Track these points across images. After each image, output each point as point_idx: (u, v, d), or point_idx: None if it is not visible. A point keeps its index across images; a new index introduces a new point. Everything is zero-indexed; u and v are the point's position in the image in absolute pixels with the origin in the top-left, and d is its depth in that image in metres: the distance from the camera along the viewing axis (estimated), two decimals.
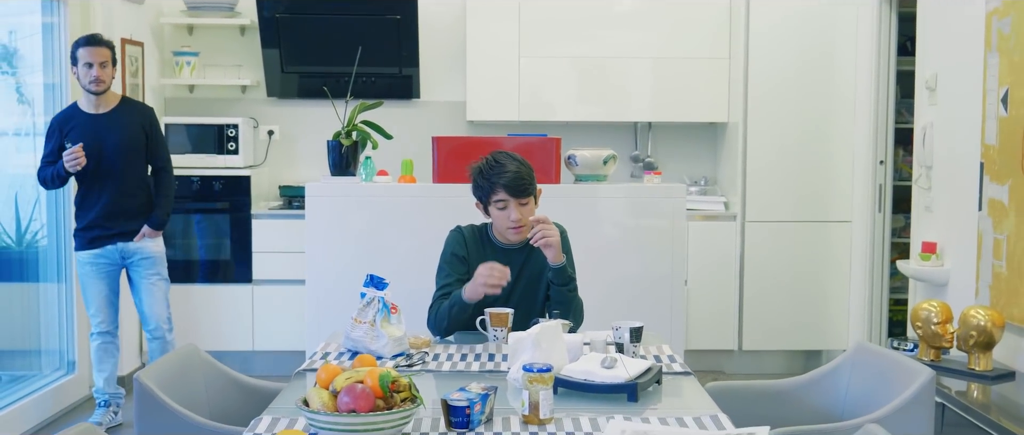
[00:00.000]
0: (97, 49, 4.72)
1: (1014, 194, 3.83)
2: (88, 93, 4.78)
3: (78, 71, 4.75)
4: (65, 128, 4.79)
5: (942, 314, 3.85)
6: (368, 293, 3.15)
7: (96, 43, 4.74)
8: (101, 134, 4.79)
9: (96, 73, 4.72)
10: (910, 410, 2.68)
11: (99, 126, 4.81)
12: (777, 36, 6.01)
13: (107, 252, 4.87)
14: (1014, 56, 3.84)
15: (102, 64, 4.73)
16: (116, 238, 4.87)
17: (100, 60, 4.72)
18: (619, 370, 2.66)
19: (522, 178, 3.37)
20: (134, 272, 4.95)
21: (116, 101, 4.90)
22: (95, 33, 4.85)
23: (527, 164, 3.43)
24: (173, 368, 2.93)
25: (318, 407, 2.24)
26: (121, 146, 4.83)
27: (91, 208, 4.84)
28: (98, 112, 4.83)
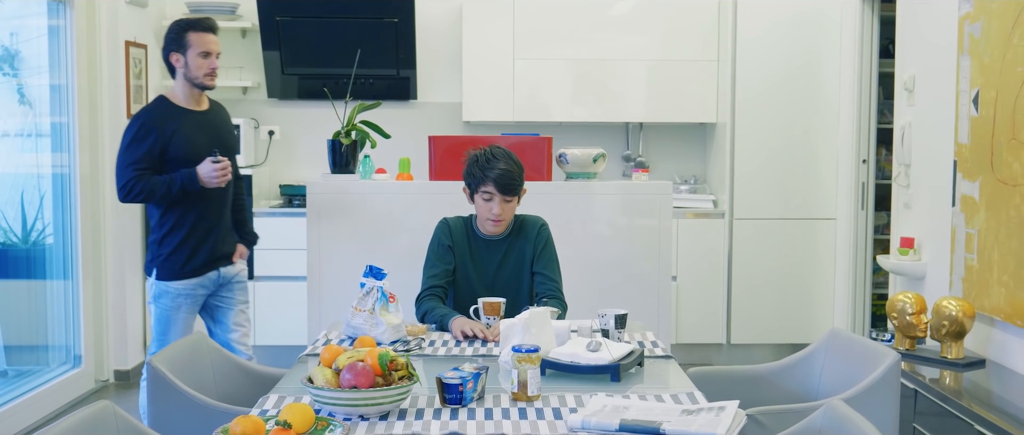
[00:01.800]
0: (214, 36, 4.07)
1: (985, 190, 3.99)
2: (193, 87, 4.08)
3: (186, 60, 4.02)
4: (166, 129, 3.98)
5: (916, 305, 4.02)
6: (368, 283, 3.30)
7: (211, 29, 4.07)
8: (211, 136, 4.07)
9: (215, 63, 4.06)
10: (877, 391, 2.84)
11: (206, 126, 4.11)
12: (764, 40, 6.18)
13: (207, 281, 4.15)
14: (984, 58, 4.01)
15: (218, 54, 4.08)
16: (220, 262, 4.18)
17: (217, 50, 4.07)
18: (603, 353, 2.82)
19: (512, 177, 3.53)
20: (224, 299, 4.26)
21: (206, 98, 4.22)
22: (207, 16, 4.14)
23: (519, 164, 3.59)
24: (183, 353, 3.08)
25: (322, 384, 2.41)
26: (227, 150, 4.12)
27: (195, 228, 4.07)
28: (199, 109, 4.14)
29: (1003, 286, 3.84)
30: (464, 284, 3.66)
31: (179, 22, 4.07)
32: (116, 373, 5.89)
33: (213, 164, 3.93)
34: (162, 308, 4.10)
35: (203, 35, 4.01)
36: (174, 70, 4.08)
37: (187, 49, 4.01)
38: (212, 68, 4.03)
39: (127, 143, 3.98)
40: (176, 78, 4.10)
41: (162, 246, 4.07)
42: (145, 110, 4.09)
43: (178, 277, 4.06)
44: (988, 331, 4.03)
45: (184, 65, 4.03)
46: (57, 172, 5.57)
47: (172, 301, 4.08)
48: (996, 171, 3.89)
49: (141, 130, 3.97)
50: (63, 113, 5.55)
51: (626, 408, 2.43)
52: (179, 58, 4.03)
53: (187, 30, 4.01)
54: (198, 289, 4.13)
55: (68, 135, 5.56)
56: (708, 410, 2.39)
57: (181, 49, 4.02)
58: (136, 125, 4.00)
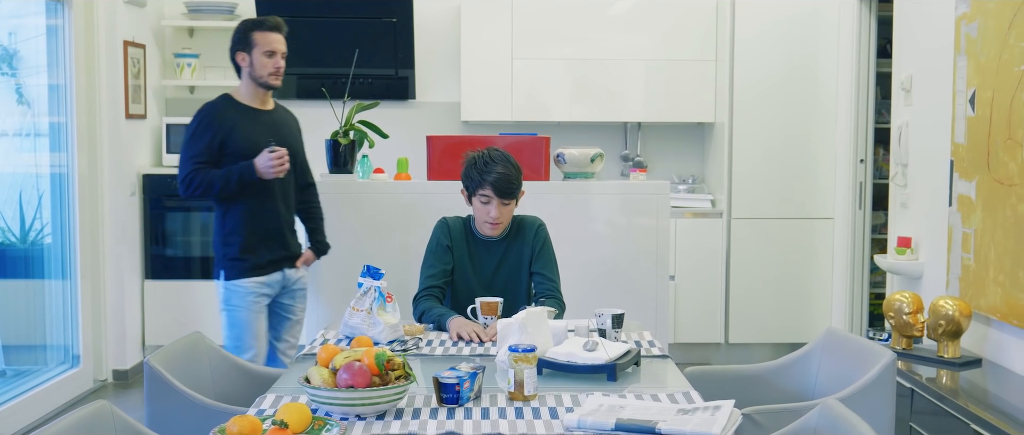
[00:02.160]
0: (279, 35, 4.05)
1: (981, 190, 4.00)
2: (258, 86, 4.08)
3: (252, 59, 4.02)
4: (225, 123, 3.99)
5: (913, 304, 4.02)
6: (365, 283, 3.31)
7: (277, 28, 4.06)
8: (273, 136, 4.03)
9: (280, 63, 4.05)
10: (873, 390, 2.85)
11: (269, 126, 4.09)
12: (762, 40, 6.19)
13: (272, 281, 4.11)
14: (981, 58, 4.01)
15: (283, 54, 4.07)
16: (284, 263, 4.15)
17: (283, 49, 4.06)
18: (600, 353, 2.83)
19: (510, 181, 3.53)
20: (285, 307, 4.22)
21: (271, 99, 4.23)
22: (273, 16, 4.13)
23: (517, 167, 3.59)
24: (181, 353, 3.09)
25: (319, 383, 2.42)
26: (292, 151, 4.09)
27: (261, 225, 4.06)
28: (264, 109, 4.14)
29: (999, 285, 3.84)
30: (462, 284, 3.66)
31: (245, 22, 4.08)
32: (115, 373, 5.90)
33: (269, 154, 3.91)
34: (233, 310, 4.04)
35: (268, 34, 4.01)
36: (240, 70, 4.08)
37: (252, 48, 4.00)
38: (277, 67, 4.03)
39: (188, 138, 4.00)
40: (241, 78, 4.09)
41: (227, 246, 4.04)
42: (207, 105, 4.08)
43: (246, 275, 4.02)
44: (984, 330, 4.04)
45: (249, 64, 4.02)
46: (55, 172, 5.58)
47: (241, 300, 4.02)
48: (992, 171, 3.90)
49: (201, 125, 3.98)
50: (61, 113, 5.55)
51: (622, 407, 2.44)
52: (244, 57, 4.03)
53: (253, 30, 4.02)
54: (264, 288, 4.07)
55: (66, 135, 5.56)
56: (704, 409, 2.40)
57: (247, 48, 4.02)
58: (197, 120, 4.02)
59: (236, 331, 4.04)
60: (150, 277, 6.21)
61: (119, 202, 5.86)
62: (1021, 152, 3.68)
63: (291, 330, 4.25)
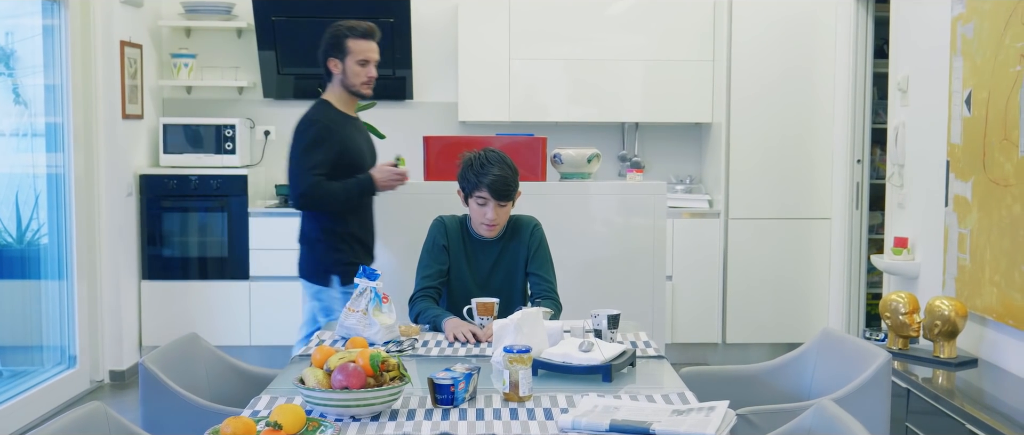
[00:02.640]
0: (374, 43, 3.99)
1: (977, 191, 4.00)
2: (349, 94, 4.03)
3: (345, 66, 3.97)
4: (340, 133, 3.93)
5: (909, 305, 4.03)
6: (361, 283, 3.31)
7: (371, 36, 3.99)
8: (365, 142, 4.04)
9: (372, 72, 3.99)
10: (868, 390, 2.85)
11: (362, 132, 4.08)
12: (759, 40, 6.19)
13: None
14: (976, 59, 4.02)
15: (376, 62, 4.01)
16: None
17: (376, 57, 4.00)
18: (595, 353, 2.83)
19: (506, 183, 3.53)
20: None
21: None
22: (369, 23, 4.06)
23: (514, 168, 3.59)
24: (176, 354, 3.08)
25: (313, 385, 2.41)
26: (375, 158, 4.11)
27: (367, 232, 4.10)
28: (352, 116, 4.08)
29: (995, 286, 3.85)
30: (458, 284, 3.66)
31: (339, 28, 3.99)
32: (111, 374, 5.90)
33: (393, 169, 3.95)
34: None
35: (362, 42, 3.93)
36: (331, 75, 4.00)
37: (346, 56, 3.93)
38: (370, 77, 3.95)
39: (304, 147, 3.89)
40: (332, 83, 4.02)
41: (340, 252, 3.97)
42: (317, 113, 3.97)
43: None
44: (980, 331, 4.04)
45: (342, 71, 3.96)
46: (52, 172, 5.58)
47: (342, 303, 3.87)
48: (988, 171, 3.90)
49: (319, 134, 3.88)
50: (58, 113, 5.55)
51: (617, 408, 2.44)
52: (337, 64, 3.96)
53: (347, 37, 3.93)
54: None
55: (63, 135, 5.56)
56: (698, 410, 2.40)
57: (340, 55, 3.95)
58: (313, 129, 3.90)
59: None
60: (147, 278, 6.21)
61: (116, 202, 5.86)
62: (1017, 152, 3.68)
63: None
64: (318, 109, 3.99)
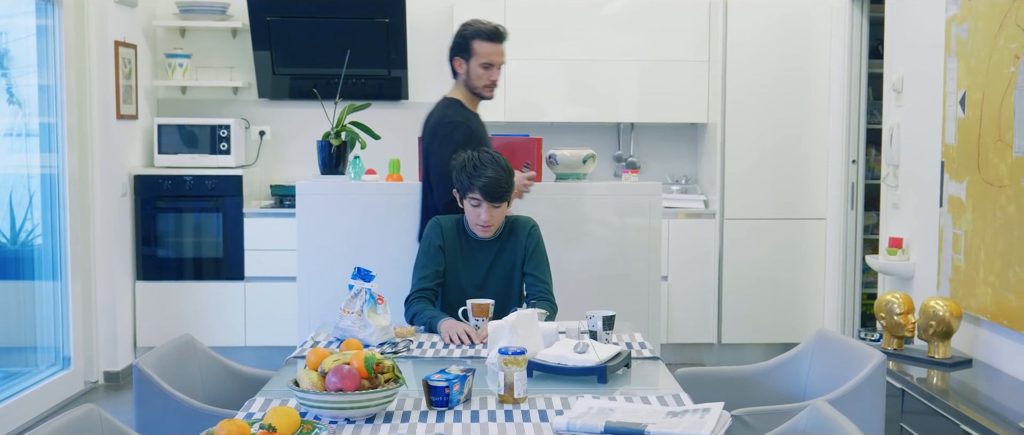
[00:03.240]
0: (500, 46, 3.93)
1: (971, 191, 4.01)
2: (472, 94, 4.03)
3: (469, 68, 3.96)
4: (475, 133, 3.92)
5: (904, 305, 4.03)
6: (356, 285, 3.30)
7: (498, 38, 3.94)
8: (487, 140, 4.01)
9: (496, 76, 3.97)
10: (863, 391, 2.85)
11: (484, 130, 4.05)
12: (755, 41, 6.20)
13: None
14: (971, 60, 4.02)
15: (500, 65, 3.96)
16: None
17: (501, 60, 3.95)
18: (590, 355, 2.83)
19: (500, 185, 3.52)
20: None
21: None
22: (496, 24, 4.00)
23: (508, 169, 3.58)
24: (170, 356, 3.08)
25: (308, 387, 2.41)
26: None
27: None
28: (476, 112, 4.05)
29: (989, 286, 3.85)
30: (454, 285, 3.66)
31: (468, 27, 3.97)
32: (106, 375, 5.89)
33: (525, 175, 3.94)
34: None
35: (488, 45, 3.90)
36: (456, 74, 4.01)
37: (471, 57, 3.91)
38: (492, 81, 3.93)
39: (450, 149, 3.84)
40: (457, 81, 4.03)
41: None
42: (455, 114, 3.95)
43: None
44: (975, 331, 4.05)
45: (466, 72, 3.95)
46: (46, 172, 5.57)
47: None
48: (982, 172, 3.91)
49: (466, 137, 3.85)
50: (52, 113, 5.54)
51: (611, 410, 2.44)
52: (462, 64, 3.96)
53: (474, 38, 3.91)
54: None
55: (57, 135, 5.55)
56: (693, 412, 2.40)
57: (466, 56, 3.94)
58: (459, 132, 3.88)
59: None
60: (141, 278, 6.20)
61: (110, 203, 5.85)
62: (1011, 153, 3.68)
63: None
64: (453, 109, 3.97)
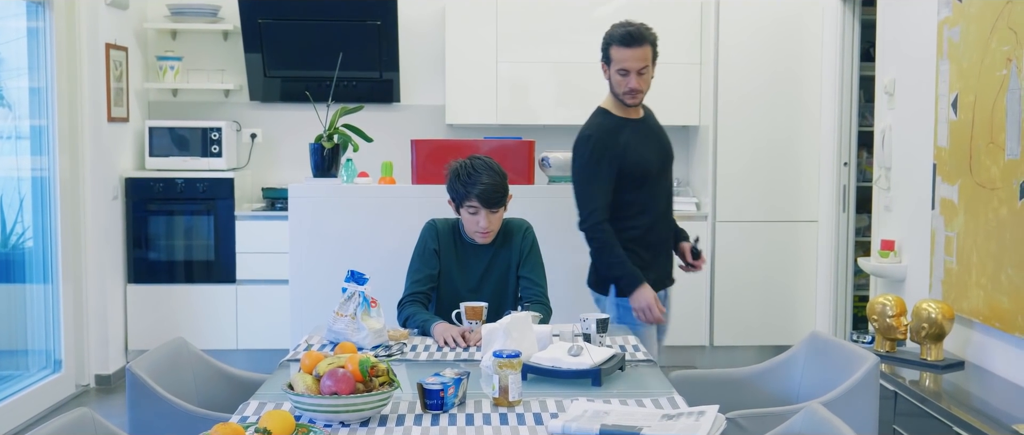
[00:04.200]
0: (638, 50, 3.65)
1: (963, 194, 4.02)
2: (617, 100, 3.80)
3: (610, 73, 3.75)
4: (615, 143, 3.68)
5: (896, 308, 4.04)
6: (349, 288, 3.30)
7: (635, 42, 3.65)
8: (654, 145, 3.78)
9: (633, 84, 3.67)
10: (857, 393, 2.86)
11: (648, 134, 3.79)
12: (746, 43, 6.20)
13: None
14: (963, 63, 4.03)
15: (640, 71, 3.68)
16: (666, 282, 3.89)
17: (639, 66, 3.67)
18: (584, 357, 2.83)
19: (495, 191, 3.52)
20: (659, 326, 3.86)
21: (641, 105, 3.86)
22: (635, 26, 3.70)
23: (502, 174, 3.57)
24: (163, 359, 3.07)
25: (302, 390, 2.40)
26: (668, 158, 3.83)
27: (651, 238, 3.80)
28: (636, 118, 3.80)
29: (981, 288, 3.86)
30: (449, 288, 3.65)
31: (609, 32, 3.75)
32: (97, 378, 5.87)
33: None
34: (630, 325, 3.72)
35: (623, 51, 3.65)
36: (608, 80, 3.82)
37: (610, 63, 3.72)
38: (630, 88, 3.67)
39: (581, 168, 3.73)
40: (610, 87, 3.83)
41: None
42: (590, 127, 3.77)
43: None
44: (967, 333, 4.06)
45: (608, 78, 3.77)
46: (37, 175, 5.55)
47: (631, 318, 3.73)
48: (975, 174, 3.92)
49: (594, 153, 3.69)
50: (43, 116, 5.53)
51: (606, 413, 2.44)
52: (606, 70, 3.78)
53: (611, 44, 3.70)
54: None
55: (48, 138, 5.54)
56: (688, 414, 2.40)
57: (607, 61, 3.75)
58: (586, 148, 3.72)
59: None
60: (132, 281, 6.18)
61: (101, 205, 5.83)
62: (1003, 156, 3.70)
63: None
64: (592, 120, 3.79)
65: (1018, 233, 3.60)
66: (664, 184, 3.85)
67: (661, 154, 3.82)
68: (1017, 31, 3.62)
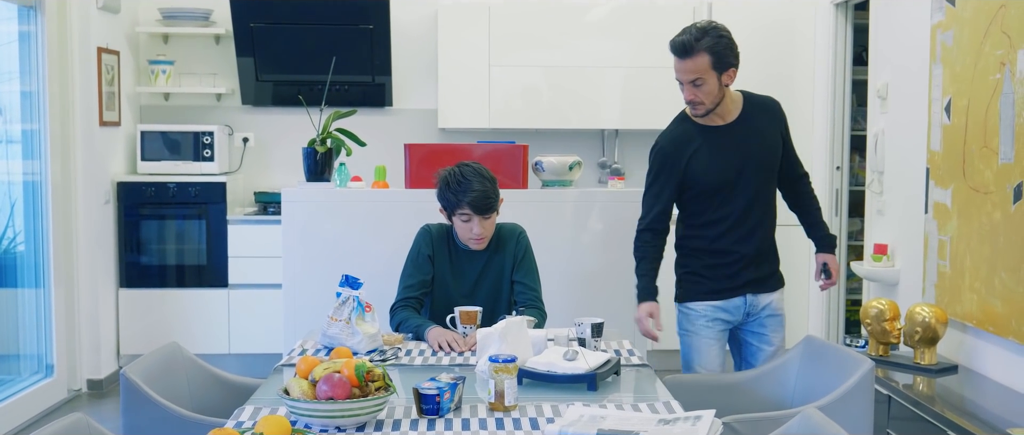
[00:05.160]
0: (688, 62, 3.47)
1: (957, 198, 4.03)
2: None
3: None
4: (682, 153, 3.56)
5: (890, 312, 4.05)
6: (344, 292, 3.29)
7: (684, 53, 3.48)
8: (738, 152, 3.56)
9: (687, 95, 3.52)
10: (852, 398, 2.86)
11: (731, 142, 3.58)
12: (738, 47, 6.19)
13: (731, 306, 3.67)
14: (956, 67, 4.04)
15: (695, 83, 3.48)
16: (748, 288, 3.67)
17: (690, 77, 3.47)
18: (580, 362, 2.83)
19: (488, 197, 3.51)
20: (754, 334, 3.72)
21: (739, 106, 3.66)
22: (688, 33, 3.50)
23: (492, 179, 3.56)
24: (157, 364, 3.06)
25: (298, 395, 2.40)
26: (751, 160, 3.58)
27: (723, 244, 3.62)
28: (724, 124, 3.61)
29: (975, 293, 3.87)
30: (443, 294, 3.64)
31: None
32: (89, 383, 5.84)
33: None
34: (682, 332, 3.73)
35: (676, 61, 3.50)
36: None
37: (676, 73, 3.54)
38: (690, 99, 3.51)
39: (648, 177, 3.64)
40: None
41: (682, 265, 3.73)
42: (663, 135, 3.66)
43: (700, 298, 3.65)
44: (961, 337, 4.07)
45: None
46: (28, 179, 5.52)
47: (690, 325, 3.69)
48: (968, 179, 3.93)
49: (656, 162, 3.60)
50: (34, 120, 5.50)
51: (603, 418, 2.43)
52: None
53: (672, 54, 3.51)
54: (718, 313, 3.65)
55: (39, 142, 5.51)
56: (685, 419, 2.40)
57: None
58: (652, 156, 3.63)
59: (693, 355, 3.70)
60: (125, 285, 6.16)
61: (93, 210, 5.81)
62: (997, 160, 3.71)
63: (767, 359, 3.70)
64: (668, 128, 3.68)
65: (1012, 237, 3.61)
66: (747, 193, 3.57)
67: (745, 162, 3.55)
68: (1011, 35, 3.63)
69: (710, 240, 3.62)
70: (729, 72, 3.53)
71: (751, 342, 3.71)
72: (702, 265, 3.65)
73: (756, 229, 3.63)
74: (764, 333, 3.69)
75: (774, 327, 3.71)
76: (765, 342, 3.69)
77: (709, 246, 3.62)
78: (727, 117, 3.60)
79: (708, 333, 3.65)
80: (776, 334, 3.72)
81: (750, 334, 3.70)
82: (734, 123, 3.61)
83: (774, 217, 3.75)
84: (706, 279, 3.64)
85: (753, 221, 3.61)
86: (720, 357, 3.67)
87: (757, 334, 3.69)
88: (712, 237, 3.61)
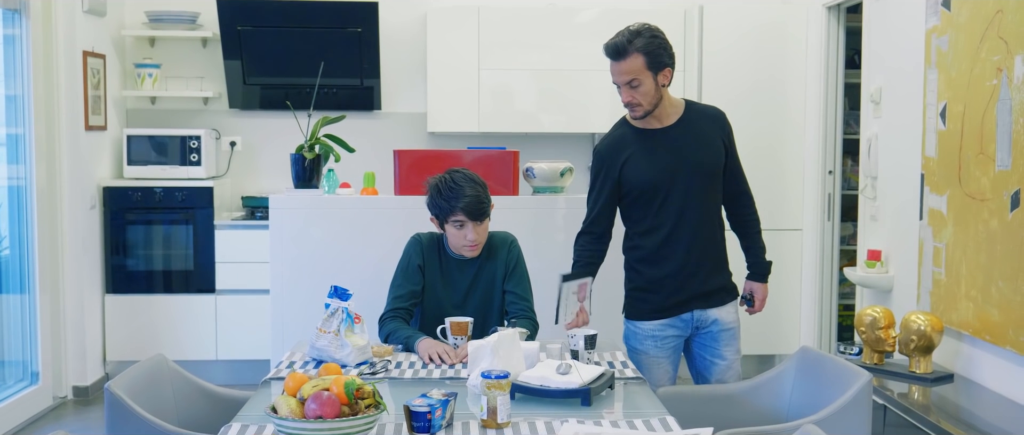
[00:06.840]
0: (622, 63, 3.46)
1: (952, 204, 3.99)
2: None
3: None
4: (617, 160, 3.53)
5: (885, 319, 4.01)
6: (332, 304, 3.24)
7: (617, 54, 3.48)
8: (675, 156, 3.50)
9: (624, 97, 3.48)
10: (849, 412, 2.82)
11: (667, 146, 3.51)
12: (730, 51, 6.17)
13: (679, 322, 3.61)
14: (951, 72, 4.01)
15: (631, 84, 3.44)
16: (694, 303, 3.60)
17: (626, 79, 3.45)
18: (573, 376, 2.78)
19: (480, 202, 3.47)
20: (707, 348, 3.65)
21: (679, 110, 3.59)
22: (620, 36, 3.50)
23: (483, 184, 3.52)
24: (142, 377, 3.00)
25: (286, 414, 2.34)
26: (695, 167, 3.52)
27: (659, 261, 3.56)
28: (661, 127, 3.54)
29: (971, 301, 3.84)
30: (434, 304, 3.59)
31: None
32: (75, 390, 5.77)
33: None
34: (630, 349, 3.63)
35: (611, 63, 3.49)
36: None
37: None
38: (627, 100, 3.46)
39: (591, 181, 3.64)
40: None
41: (628, 280, 3.68)
42: (602, 140, 3.65)
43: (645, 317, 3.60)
44: (956, 346, 4.03)
45: None
46: (13, 184, 5.46)
47: (639, 344, 3.60)
48: (964, 185, 3.89)
49: (593, 166, 3.61)
50: (19, 124, 5.44)
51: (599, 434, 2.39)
52: None
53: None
54: (667, 330, 3.59)
55: (24, 146, 5.45)
56: None
57: None
58: (593, 160, 3.61)
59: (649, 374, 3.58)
60: (111, 291, 6.09)
61: (79, 215, 5.74)
62: (993, 167, 3.67)
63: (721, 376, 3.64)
64: (608, 132, 3.66)
65: (1009, 245, 3.58)
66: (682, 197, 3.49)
67: (680, 165, 3.49)
68: (1007, 41, 3.60)
69: (650, 250, 3.56)
70: (664, 72, 3.48)
71: (704, 355, 3.64)
72: (646, 280, 3.58)
73: (696, 236, 3.54)
74: (716, 347, 3.62)
75: (726, 341, 3.64)
76: (718, 356, 3.63)
77: (650, 255, 3.56)
78: (665, 121, 3.55)
79: (657, 352, 3.58)
80: (729, 348, 3.65)
81: (702, 347, 3.64)
82: (671, 127, 3.55)
83: (719, 226, 3.66)
84: (652, 294, 3.58)
85: (691, 227, 3.52)
86: (669, 373, 3.61)
87: (710, 348, 3.63)
88: (652, 246, 3.55)
